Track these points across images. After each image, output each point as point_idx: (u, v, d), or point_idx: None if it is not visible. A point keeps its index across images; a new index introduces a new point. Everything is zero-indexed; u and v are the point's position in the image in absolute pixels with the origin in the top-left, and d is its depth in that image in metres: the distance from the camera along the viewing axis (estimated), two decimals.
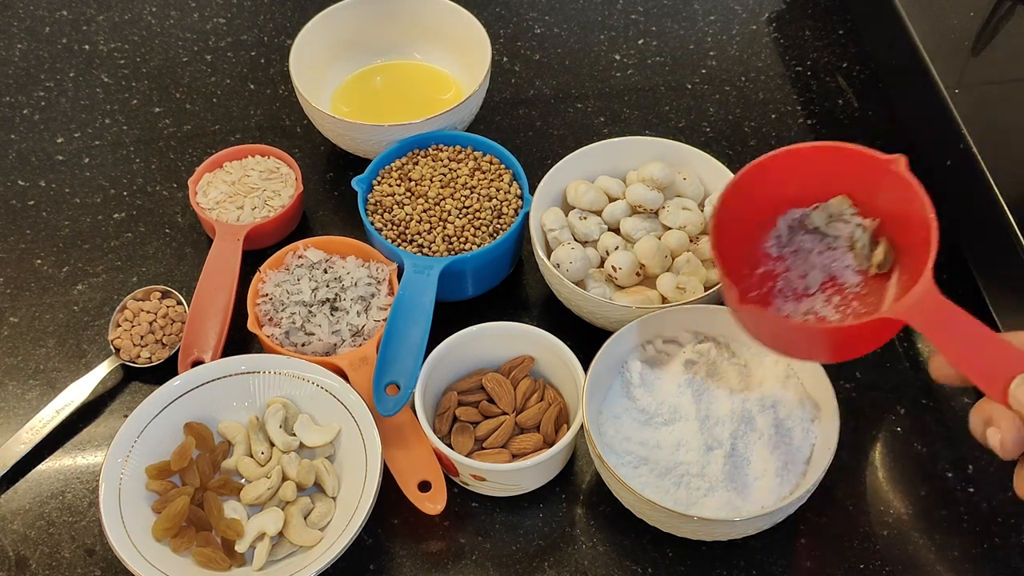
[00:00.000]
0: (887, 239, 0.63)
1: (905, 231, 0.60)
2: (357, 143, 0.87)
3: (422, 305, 0.75)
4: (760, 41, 1.04)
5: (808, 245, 0.65)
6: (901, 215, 0.61)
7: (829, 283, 0.65)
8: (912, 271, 0.60)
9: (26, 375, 0.80)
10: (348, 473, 0.71)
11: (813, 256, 0.65)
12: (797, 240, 0.65)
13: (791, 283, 0.65)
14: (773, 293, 0.65)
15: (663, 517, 0.66)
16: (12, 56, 1.03)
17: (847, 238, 0.64)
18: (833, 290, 0.65)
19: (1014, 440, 0.52)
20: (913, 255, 0.60)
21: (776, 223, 0.65)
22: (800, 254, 0.65)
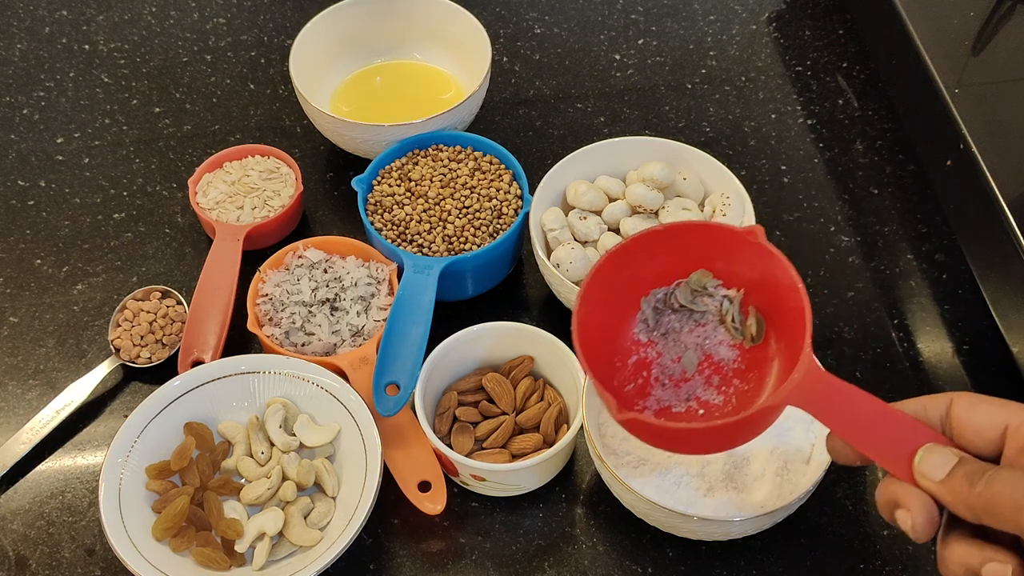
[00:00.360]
0: (756, 308, 0.60)
1: (774, 297, 0.58)
2: (357, 143, 0.87)
3: (422, 305, 0.75)
4: (760, 41, 1.04)
5: (676, 325, 0.61)
6: (768, 282, 0.58)
7: (705, 363, 0.61)
8: (789, 339, 0.57)
9: (26, 375, 0.80)
10: (348, 473, 0.71)
11: (684, 336, 0.61)
12: (664, 322, 0.61)
13: (667, 369, 0.61)
14: (650, 382, 0.61)
15: (663, 517, 0.66)
16: (12, 56, 1.03)
17: (715, 312, 0.61)
18: (711, 370, 0.61)
19: (926, 522, 0.47)
20: (787, 322, 0.57)
21: (640, 307, 0.62)
22: (670, 336, 0.62)
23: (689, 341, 0.61)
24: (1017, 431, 0.47)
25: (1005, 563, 0.45)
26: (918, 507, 0.48)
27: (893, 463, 0.49)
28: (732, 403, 0.60)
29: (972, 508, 0.46)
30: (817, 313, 0.83)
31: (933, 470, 0.48)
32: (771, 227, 0.88)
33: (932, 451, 0.48)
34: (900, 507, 0.48)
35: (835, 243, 0.88)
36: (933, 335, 0.82)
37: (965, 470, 0.47)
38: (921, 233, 0.88)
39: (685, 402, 0.60)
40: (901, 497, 0.48)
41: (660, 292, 0.61)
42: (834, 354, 0.80)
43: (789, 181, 0.92)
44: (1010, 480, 0.45)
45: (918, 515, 0.48)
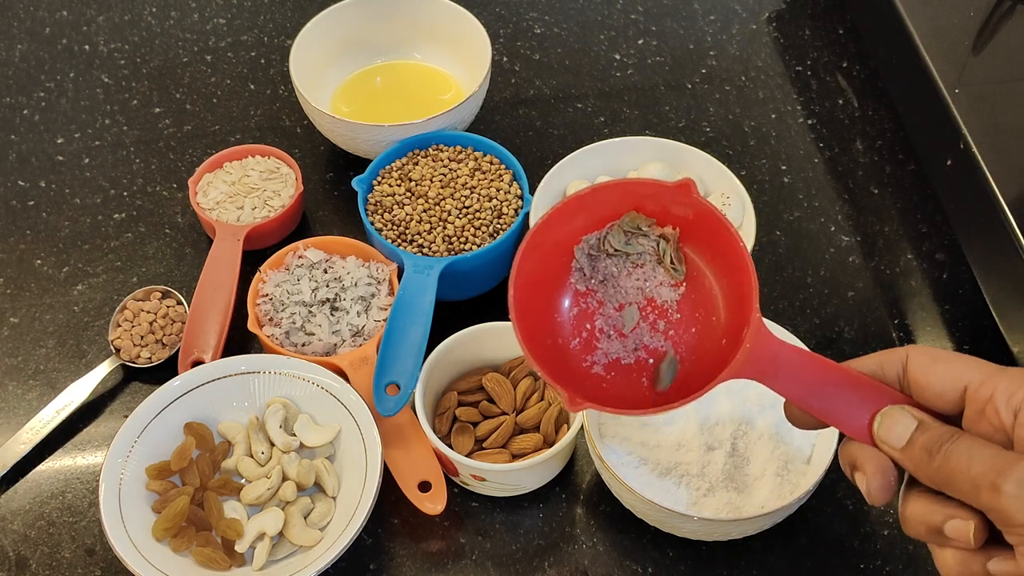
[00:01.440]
0: (695, 249, 0.58)
1: (714, 243, 0.56)
2: (357, 143, 0.87)
3: (422, 305, 0.75)
4: (760, 41, 1.04)
5: (614, 270, 0.59)
6: (705, 227, 0.56)
7: (648, 307, 0.59)
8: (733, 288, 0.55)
9: (26, 375, 0.80)
10: (348, 473, 0.71)
11: (623, 280, 0.59)
12: (601, 268, 0.59)
13: (611, 319, 0.59)
14: (595, 335, 0.58)
15: (663, 517, 0.66)
16: (12, 57, 1.03)
17: (652, 252, 0.58)
18: (656, 314, 0.58)
19: (880, 487, 0.47)
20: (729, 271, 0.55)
21: (574, 255, 0.58)
22: (609, 282, 0.59)
23: (629, 285, 0.59)
24: (976, 392, 0.46)
25: (967, 519, 0.44)
26: (873, 471, 0.47)
27: (852, 428, 0.48)
28: (682, 349, 0.58)
29: (932, 480, 0.45)
30: (817, 313, 0.83)
31: (892, 437, 0.47)
32: (771, 227, 0.88)
33: (890, 416, 0.47)
34: (858, 469, 0.48)
35: (835, 243, 0.88)
36: (933, 335, 0.82)
37: (924, 439, 0.46)
38: (921, 233, 0.88)
39: (633, 352, 0.58)
40: (859, 459, 0.48)
41: (592, 237, 0.58)
42: (834, 354, 0.80)
43: (789, 181, 0.92)
44: (967, 453, 0.44)
45: (873, 480, 0.47)
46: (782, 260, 0.86)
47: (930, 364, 0.48)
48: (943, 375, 0.47)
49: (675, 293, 0.58)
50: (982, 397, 0.46)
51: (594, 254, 0.59)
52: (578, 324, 0.59)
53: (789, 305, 0.83)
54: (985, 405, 0.46)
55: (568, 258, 0.59)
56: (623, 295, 0.59)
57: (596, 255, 0.59)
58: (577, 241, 0.58)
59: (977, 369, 0.47)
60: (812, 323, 0.82)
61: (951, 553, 0.46)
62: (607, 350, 0.58)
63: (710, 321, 0.57)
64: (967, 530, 0.45)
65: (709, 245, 0.57)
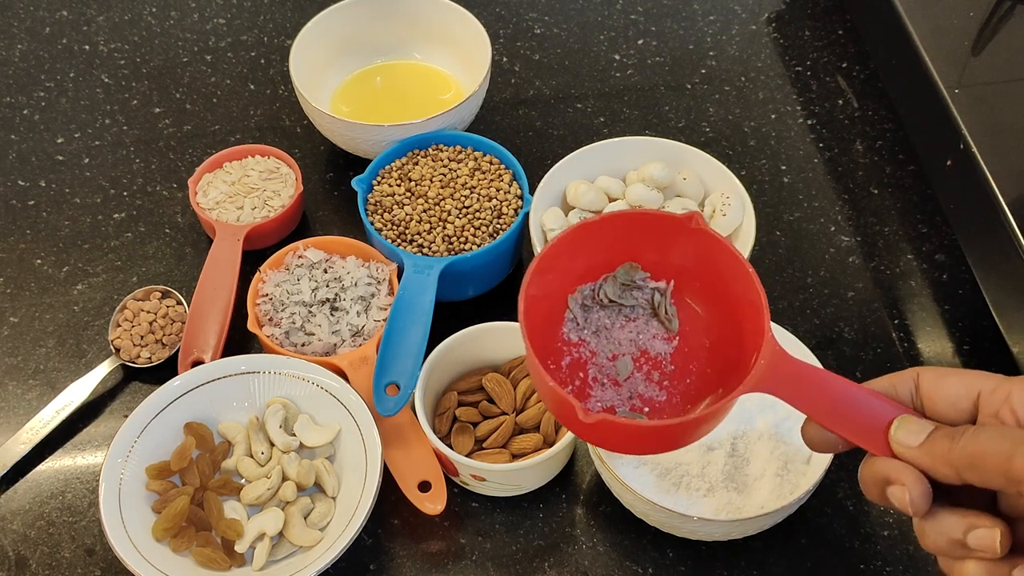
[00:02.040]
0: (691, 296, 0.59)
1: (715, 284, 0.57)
2: (357, 143, 0.87)
3: (422, 305, 0.75)
4: (760, 41, 1.04)
5: (607, 322, 0.59)
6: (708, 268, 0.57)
7: (642, 358, 0.59)
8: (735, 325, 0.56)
9: (26, 375, 0.80)
10: (348, 473, 0.71)
11: (616, 332, 0.59)
12: (594, 319, 0.59)
13: (604, 368, 0.59)
14: (588, 383, 0.58)
15: (663, 517, 0.66)
16: (12, 56, 1.03)
17: (646, 305, 0.59)
18: (649, 365, 0.59)
19: (921, 494, 0.45)
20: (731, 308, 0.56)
21: (567, 305, 0.59)
22: (602, 333, 0.59)
23: (622, 337, 0.59)
24: (991, 396, 0.46)
25: (992, 528, 0.44)
26: (913, 480, 0.46)
27: (870, 440, 0.48)
28: (677, 399, 0.58)
29: (954, 464, 0.44)
30: (817, 313, 0.83)
31: (909, 437, 0.47)
32: (771, 227, 0.88)
33: (907, 420, 0.47)
34: (892, 483, 0.47)
35: (835, 243, 0.88)
36: (933, 335, 0.82)
37: (943, 431, 0.46)
38: (921, 233, 0.88)
39: (628, 400, 0.58)
40: (892, 473, 0.47)
41: (587, 288, 0.59)
42: (834, 354, 0.80)
43: (789, 181, 0.92)
44: (996, 432, 0.44)
45: (914, 487, 0.46)
46: (782, 260, 0.86)
47: (942, 376, 0.48)
48: (956, 385, 0.48)
49: (669, 346, 0.59)
50: (997, 400, 0.46)
51: (588, 304, 0.59)
52: (571, 373, 0.59)
53: (789, 306, 0.83)
54: (1000, 407, 0.46)
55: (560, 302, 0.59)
56: (616, 346, 0.59)
57: (590, 305, 0.59)
58: (572, 290, 0.59)
59: (989, 378, 0.47)
60: (812, 323, 0.82)
61: (974, 565, 0.45)
62: (601, 398, 0.58)
63: (704, 373, 0.58)
64: (992, 538, 0.44)
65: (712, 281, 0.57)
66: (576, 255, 0.58)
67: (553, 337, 0.59)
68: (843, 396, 0.49)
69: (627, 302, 0.59)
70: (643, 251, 0.58)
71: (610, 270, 0.59)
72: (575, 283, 0.59)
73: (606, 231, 0.57)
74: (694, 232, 0.56)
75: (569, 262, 0.58)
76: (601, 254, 0.58)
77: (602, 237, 0.58)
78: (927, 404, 0.48)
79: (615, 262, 0.59)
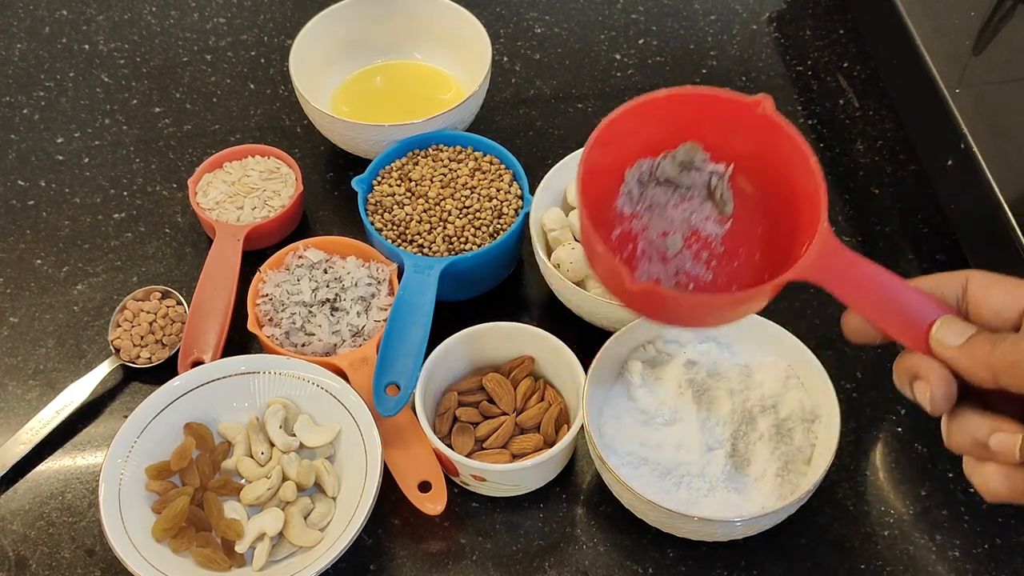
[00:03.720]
0: (747, 181, 0.59)
1: (773, 171, 0.56)
2: (357, 143, 0.87)
3: (422, 305, 0.75)
4: (761, 41, 1.04)
5: (661, 199, 0.59)
6: (768, 155, 0.56)
7: (692, 238, 0.59)
8: (792, 213, 0.56)
9: (26, 375, 0.80)
10: (348, 473, 0.71)
11: (669, 210, 0.59)
12: (649, 194, 0.59)
13: (653, 243, 0.59)
14: (636, 256, 0.59)
15: (664, 517, 0.66)
16: (12, 56, 1.03)
17: (702, 187, 0.59)
18: (699, 245, 0.59)
19: (943, 395, 0.48)
20: (788, 196, 0.56)
21: (624, 178, 0.59)
22: (655, 209, 0.59)
23: (675, 215, 0.59)
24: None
25: (1015, 433, 0.45)
26: (937, 379, 0.47)
27: (910, 336, 0.49)
28: (722, 280, 0.58)
29: (992, 368, 0.46)
30: (817, 313, 0.83)
31: (950, 336, 0.48)
32: None
33: (950, 320, 0.48)
34: (919, 379, 0.48)
35: None
36: None
37: (985, 335, 0.47)
38: (922, 233, 0.88)
39: (674, 276, 0.58)
40: (921, 369, 0.48)
41: (645, 164, 0.58)
42: (834, 354, 0.80)
43: None
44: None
45: (937, 387, 0.47)
46: None
47: (992, 282, 0.49)
48: (1004, 293, 0.48)
49: (720, 228, 0.59)
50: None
51: (644, 179, 0.59)
52: (620, 245, 0.59)
53: (789, 306, 0.83)
54: None
55: (618, 179, 0.59)
56: (668, 223, 0.59)
57: (646, 181, 0.59)
58: (630, 164, 0.58)
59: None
60: (812, 324, 0.82)
61: (993, 469, 0.47)
62: (648, 271, 0.58)
63: (752, 260, 0.58)
64: (1013, 443, 0.45)
65: (772, 168, 0.57)
66: (638, 129, 0.57)
67: (606, 208, 0.59)
68: (890, 292, 0.50)
69: (684, 182, 0.58)
70: (705, 132, 0.57)
71: (671, 148, 0.58)
72: (634, 157, 0.58)
73: (670, 108, 0.56)
74: (759, 118, 0.55)
75: (630, 136, 0.57)
76: (663, 130, 0.57)
77: (665, 114, 0.57)
78: (972, 309, 0.49)
79: (676, 140, 0.58)
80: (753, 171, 0.58)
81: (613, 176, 0.59)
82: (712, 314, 0.57)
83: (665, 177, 0.58)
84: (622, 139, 0.57)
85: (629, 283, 0.52)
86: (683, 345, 0.73)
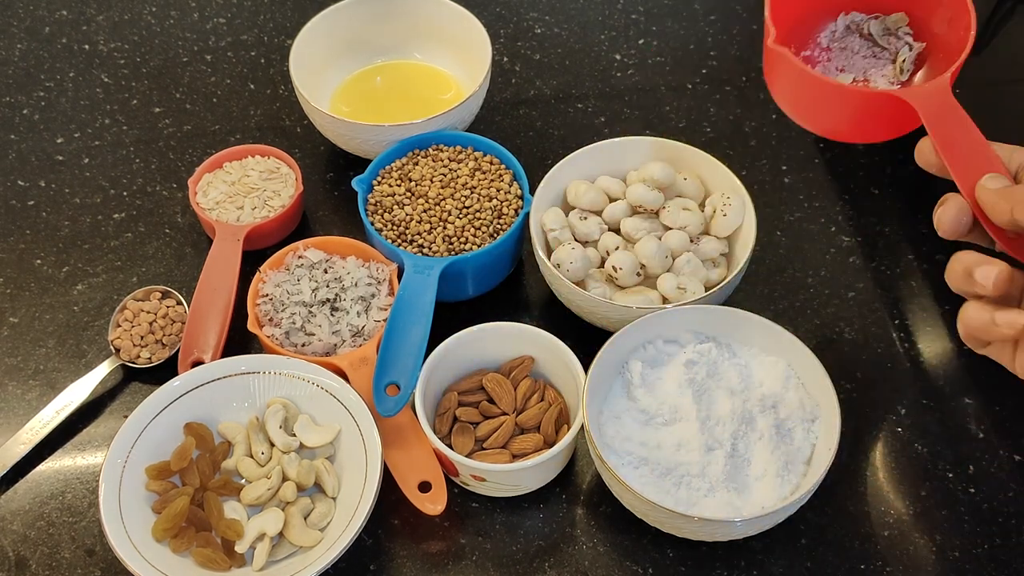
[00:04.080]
0: (929, 64, 0.72)
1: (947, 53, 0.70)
2: (357, 143, 0.87)
3: (422, 305, 0.75)
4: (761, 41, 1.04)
5: (856, 47, 0.75)
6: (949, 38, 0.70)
7: (862, 81, 0.73)
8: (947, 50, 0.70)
9: (26, 375, 0.80)
10: (348, 473, 0.71)
11: (857, 58, 0.74)
12: (848, 40, 0.75)
13: (828, 71, 0.74)
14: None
15: (663, 517, 0.66)
16: (12, 56, 1.03)
17: (893, 52, 0.73)
18: (863, 86, 0.73)
19: (953, 219, 0.56)
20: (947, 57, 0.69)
21: (836, 19, 0.75)
22: (846, 52, 0.75)
23: (859, 63, 0.74)
24: None
25: (995, 266, 0.53)
26: (952, 204, 0.57)
27: (965, 178, 0.58)
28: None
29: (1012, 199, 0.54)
30: (818, 313, 0.83)
31: (992, 182, 0.56)
32: (772, 227, 0.88)
33: (998, 177, 0.56)
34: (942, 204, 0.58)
35: (836, 243, 0.87)
36: (934, 335, 0.82)
37: (1019, 186, 0.55)
38: (922, 234, 0.88)
39: None
40: (949, 199, 0.57)
41: (859, 17, 0.75)
42: (834, 354, 0.80)
43: (790, 181, 0.92)
44: None
45: (948, 210, 0.57)
46: (783, 260, 0.86)
47: None
48: None
49: (888, 86, 0.72)
50: None
51: (851, 28, 0.75)
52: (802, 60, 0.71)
53: (790, 306, 0.83)
54: None
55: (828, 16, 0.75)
56: (850, 65, 0.75)
57: (852, 29, 0.75)
58: (846, 11, 0.75)
59: None
60: (812, 323, 0.82)
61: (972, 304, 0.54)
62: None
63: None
64: (992, 273, 0.53)
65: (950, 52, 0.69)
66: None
67: (806, 33, 0.75)
68: (970, 139, 0.59)
69: (881, 42, 0.73)
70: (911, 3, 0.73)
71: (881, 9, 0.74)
72: (849, 7, 0.75)
73: None
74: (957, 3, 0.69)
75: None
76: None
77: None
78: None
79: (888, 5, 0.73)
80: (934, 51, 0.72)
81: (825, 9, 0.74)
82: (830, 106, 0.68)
83: (869, 32, 0.74)
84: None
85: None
86: (683, 345, 0.74)
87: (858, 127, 0.70)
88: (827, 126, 0.72)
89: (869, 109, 0.67)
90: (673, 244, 0.78)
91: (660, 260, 0.77)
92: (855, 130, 0.71)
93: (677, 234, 0.79)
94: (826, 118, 0.70)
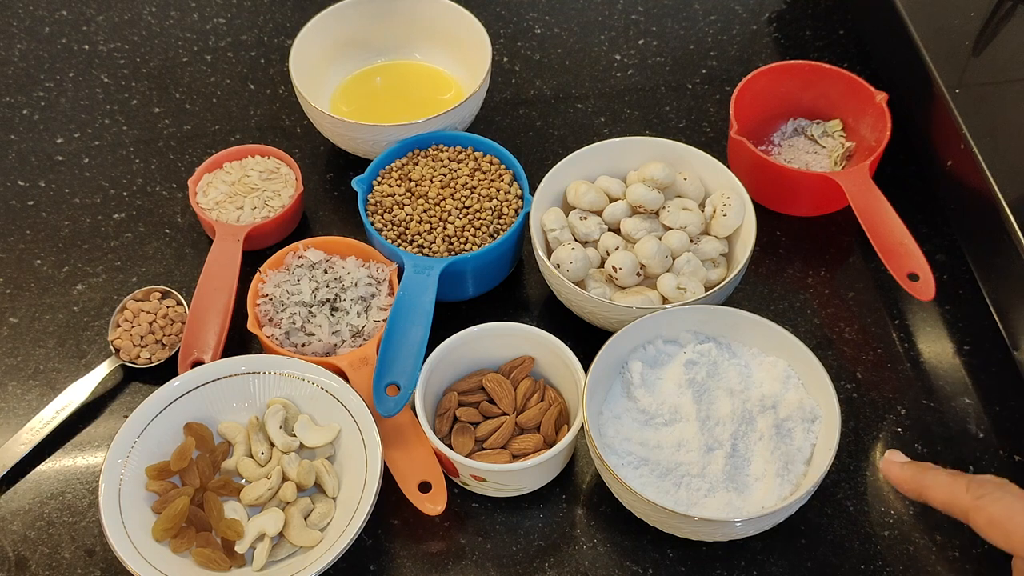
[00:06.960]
0: (855, 158, 0.89)
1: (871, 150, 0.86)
2: (357, 143, 0.87)
3: (422, 305, 0.75)
4: (761, 41, 1.04)
5: (801, 145, 0.91)
6: (871, 138, 0.88)
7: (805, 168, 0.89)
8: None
9: (26, 375, 0.80)
10: (348, 474, 0.71)
11: (801, 153, 0.90)
12: (795, 139, 0.92)
13: (778, 162, 0.87)
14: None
15: (663, 518, 0.66)
16: (12, 56, 1.03)
17: (830, 149, 0.90)
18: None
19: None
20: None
21: (786, 122, 0.92)
22: (793, 148, 0.91)
23: (803, 157, 0.90)
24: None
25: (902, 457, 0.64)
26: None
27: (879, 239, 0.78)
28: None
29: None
30: (818, 313, 0.83)
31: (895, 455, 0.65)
32: (772, 227, 0.88)
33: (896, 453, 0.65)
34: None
35: (836, 243, 0.87)
36: (933, 335, 0.82)
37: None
38: (922, 233, 0.88)
39: None
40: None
41: (804, 122, 0.92)
42: (834, 354, 0.80)
43: None
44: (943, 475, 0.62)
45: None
46: (782, 260, 0.86)
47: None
48: None
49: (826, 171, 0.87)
50: None
51: (798, 129, 0.92)
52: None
53: (789, 306, 0.83)
54: None
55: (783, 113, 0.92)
56: (796, 159, 0.90)
57: (799, 131, 0.92)
58: (795, 115, 0.92)
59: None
60: (812, 323, 0.82)
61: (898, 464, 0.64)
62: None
63: None
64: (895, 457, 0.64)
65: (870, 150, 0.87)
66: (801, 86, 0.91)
67: (761, 132, 0.92)
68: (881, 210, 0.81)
69: (821, 143, 0.90)
70: (845, 111, 0.91)
71: (822, 116, 0.92)
72: (796, 114, 0.93)
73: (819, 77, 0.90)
74: (876, 106, 0.87)
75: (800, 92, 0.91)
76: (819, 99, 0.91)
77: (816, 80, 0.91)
78: None
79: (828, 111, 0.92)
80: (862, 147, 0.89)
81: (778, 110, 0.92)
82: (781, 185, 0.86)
83: (811, 134, 0.91)
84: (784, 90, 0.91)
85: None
86: (683, 345, 0.74)
87: (800, 201, 0.87)
88: (777, 201, 0.88)
89: (809, 187, 0.85)
90: (673, 244, 0.78)
91: (660, 260, 0.77)
92: (798, 204, 0.88)
93: (677, 234, 0.79)
94: (776, 194, 0.87)
